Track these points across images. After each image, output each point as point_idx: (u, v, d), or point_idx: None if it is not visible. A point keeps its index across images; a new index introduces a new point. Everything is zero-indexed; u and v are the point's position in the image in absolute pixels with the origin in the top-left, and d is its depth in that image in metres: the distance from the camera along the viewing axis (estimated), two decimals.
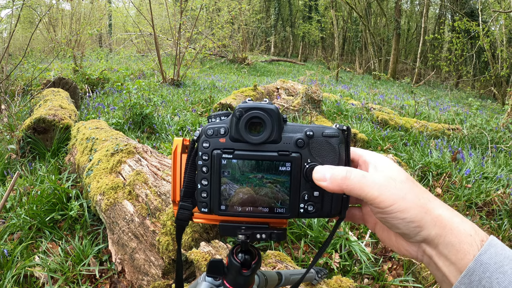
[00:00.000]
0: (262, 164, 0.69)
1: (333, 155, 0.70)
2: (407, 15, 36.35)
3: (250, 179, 0.69)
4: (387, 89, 16.38)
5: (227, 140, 0.69)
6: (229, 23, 18.21)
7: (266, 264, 2.03)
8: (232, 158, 0.69)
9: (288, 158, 0.69)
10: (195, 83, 12.43)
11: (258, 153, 0.69)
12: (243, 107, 0.69)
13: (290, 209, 0.71)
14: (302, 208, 0.71)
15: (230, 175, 0.69)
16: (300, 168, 0.69)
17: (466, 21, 17.51)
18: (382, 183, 0.60)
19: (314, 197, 0.70)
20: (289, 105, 7.07)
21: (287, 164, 0.69)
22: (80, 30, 12.63)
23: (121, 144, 3.06)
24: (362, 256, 2.80)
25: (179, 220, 0.76)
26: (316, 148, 0.70)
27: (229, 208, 0.71)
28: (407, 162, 5.09)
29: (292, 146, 0.69)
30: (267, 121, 0.68)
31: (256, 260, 0.83)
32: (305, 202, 0.70)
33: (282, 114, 0.70)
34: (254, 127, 0.69)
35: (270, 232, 0.74)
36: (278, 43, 40.71)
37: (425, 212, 0.58)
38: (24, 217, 3.11)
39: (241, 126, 0.68)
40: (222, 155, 0.69)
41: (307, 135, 0.70)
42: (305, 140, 0.69)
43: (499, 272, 0.51)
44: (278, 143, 0.69)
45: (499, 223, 3.74)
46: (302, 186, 0.70)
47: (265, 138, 0.68)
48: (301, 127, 0.71)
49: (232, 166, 0.69)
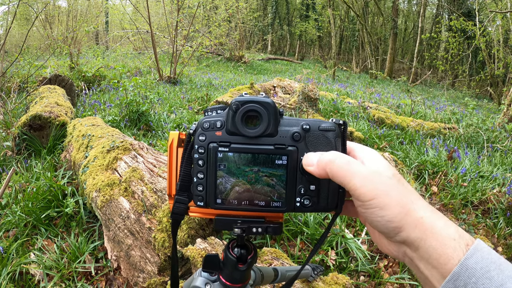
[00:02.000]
0: (258, 158, 0.68)
1: (329, 148, 0.70)
2: (404, 14, 36.45)
3: (246, 173, 0.69)
4: (383, 88, 16.40)
5: (223, 133, 0.69)
6: (226, 21, 18.20)
7: (262, 261, 2.03)
8: (229, 151, 0.68)
9: (284, 152, 0.68)
10: (191, 81, 12.41)
11: (255, 146, 0.68)
12: (239, 100, 0.68)
13: (286, 203, 0.70)
14: (298, 202, 0.70)
15: (226, 169, 0.69)
16: (296, 162, 0.69)
17: (463, 20, 17.55)
18: (366, 174, 0.58)
19: (311, 191, 0.70)
20: (286, 103, 7.07)
21: (284, 158, 0.68)
22: (77, 27, 12.58)
23: (117, 141, 3.05)
24: (358, 253, 2.81)
25: (174, 214, 0.76)
26: (313, 142, 0.70)
27: (225, 201, 0.71)
28: (403, 161, 5.10)
29: (289, 140, 0.69)
30: (264, 114, 0.68)
31: (252, 254, 0.83)
32: (301, 196, 0.70)
33: (279, 108, 0.70)
34: (250, 120, 0.69)
35: (266, 226, 0.73)
36: (275, 41, 40.70)
37: (405, 213, 0.56)
38: (20, 214, 3.09)
39: (237, 119, 0.68)
40: (218, 148, 0.68)
41: (304, 128, 0.69)
42: (301, 134, 0.69)
43: (486, 278, 0.50)
44: (275, 136, 0.69)
45: (495, 222, 3.77)
46: (298, 179, 0.70)
47: (261, 132, 0.68)
48: (298, 121, 0.71)
49: (228, 159, 0.69)
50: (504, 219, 3.75)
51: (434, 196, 4.25)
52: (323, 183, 0.71)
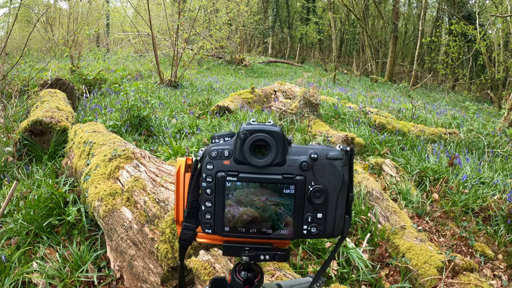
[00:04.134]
0: (266, 187, 0.69)
1: (337, 177, 0.71)
2: (404, 17, 36.46)
3: (254, 202, 0.70)
4: (384, 92, 16.41)
5: (231, 163, 0.70)
6: (227, 24, 18.22)
7: (265, 271, 2.03)
8: (237, 181, 0.69)
9: (292, 181, 0.69)
10: (192, 84, 12.42)
11: (263, 176, 0.69)
12: (247, 129, 0.69)
13: (294, 230, 0.71)
14: (306, 230, 0.71)
15: (235, 198, 0.70)
16: (304, 191, 0.69)
17: (463, 24, 17.57)
18: None
19: (318, 219, 0.71)
20: (287, 108, 7.07)
21: (291, 187, 0.69)
22: (78, 30, 12.59)
23: (119, 149, 3.06)
24: (359, 263, 2.81)
25: (182, 241, 0.76)
26: (320, 171, 0.70)
27: (233, 229, 0.71)
28: (404, 167, 5.10)
29: (297, 169, 0.69)
30: (272, 144, 0.68)
31: (259, 278, 0.83)
32: (309, 224, 0.71)
33: (287, 136, 0.71)
34: (259, 150, 0.69)
35: (273, 253, 0.74)
36: (276, 44, 40.72)
37: None
38: (21, 222, 3.09)
39: (245, 148, 0.68)
40: (227, 177, 0.69)
41: (312, 157, 0.70)
42: (309, 163, 0.69)
43: None
44: (283, 165, 0.69)
45: (495, 229, 3.76)
46: (305, 208, 0.70)
47: (269, 161, 0.69)
48: (305, 149, 0.72)
49: (237, 189, 0.69)
50: (504, 226, 3.75)
51: (435, 203, 4.25)
52: (330, 211, 0.71)
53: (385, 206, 3.62)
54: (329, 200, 0.71)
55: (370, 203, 3.74)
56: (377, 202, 3.72)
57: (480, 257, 3.31)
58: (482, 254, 3.36)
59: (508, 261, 3.33)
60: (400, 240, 3.16)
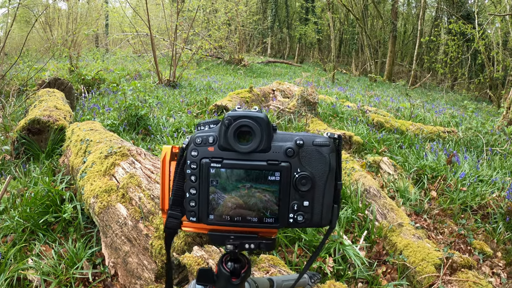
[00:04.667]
0: (251, 174, 0.68)
1: (324, 164, 0.70)
2: (403, 17, 36.49)
3: (239, 189, 0.69)
4: (383, 91, 16.41)
5: (215, 149, 0.69)
6: (226, 24, 18.22)
7: (260, 268, 2.02)
8: (221, 167, 0.68)
9: (277, 168, 0.68)
10: (191, 84, 12.41)
11: (247, 162, 0.68)
12: (232, 115, 0.68)
13: (279, 219, 0.70)
14: (292, 218, 0.70)
15: (219, 184, 0.69)
16: (289, 178, 0.69)
17: (462, 23, 17.57)
18: None
19: (304, 207, 0.70)
20: (285, 107, 7.07)
21: (276, 174, 0.68)
22: (77, 30, 12.58)
23: (115, 147, 3.05)
24: (356, 260, 2.80)
25: (168, 229, 0.75)
26: (306, 158, 0.69)
27: (217, 217, 0.71)
28: (402, 165, 5.09)
29: (282, 155, 0.68)
30: (256, 130, 0.67)
31: (245, 268, 0.82)
32: (295, 212, 0.70)
33: (272, 123, 0.70)
34: (243, 136, 0.68)
35: (258, 242, 0.73)
36: (275, 44, 40.71)
37: None
38: (18, 219, 3.09)
39: (229, 134, 0.68)
40: (211, 164, 0.68)
41: (297, 144, 0.69)
42: (295, 149, 0.68)
43: None
44: (268, 152, 0.68)
45: (494, 227, 3.75)
46: (291, 195, 0.69)
47: (254, 147, 0.68)
48: (291, 135, 0.71)
49: (221, 175, 0.68)
50: (503, 224, 3.74)
51: (433, 201, 4.24)
52: (317, 199, 0.70)
53: (383, 203, 3.62)
54: (316, 187, 0.70)
55: (367, 200, 3.73)
56: (374, 199, 3.71)
57: (478, 255, 3.30)
58: (480, 251, 3.35)
59: (507, 258, 3.32)
60: (397, 237, 3.15)
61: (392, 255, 3.04)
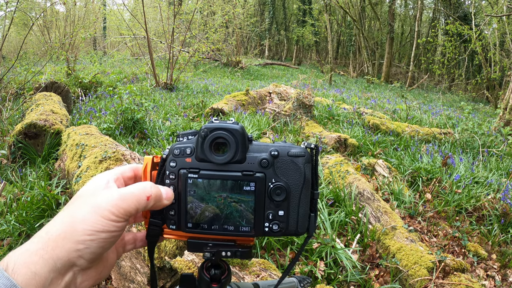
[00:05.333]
0: (226, 184, 0.70)
1: (299, 174, 0.72)
2: (400, 19, 36.60)
3: (216, 198, 0.71)
4: (380, 93, 16.44)
5: (193, 160, 0.71)
6: (223, 26, 18.24)
7: (251, 272, 2.04)
8: (198, 178, 0.70)
9: (252, 178, 0.70)
10: (188, 87, 12.43)
11: (223, 173, 0.70)
12: (208, 127, 0.70)
13: (255, 228, 0.72)
14: (267, 227, 0.72)
15: (196, 194, 0.71)
16: (264, 188, 0.70)
17: (459, 24, 17.63)
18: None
19: (279, 216, 0.72)
20: (281, 110, 7.09)
21: (251, 184, 0.70)
22: (74, 33, 12.58)
23: (110, 151, 3.07)
24: (347, 263, 2.81)
25: (150, 237, 0.78)
26: (281, 168, 0.71)
27: (195, 225, 0.73)
28: (397, 168, 5.11)
29: (256, 166, 0.70)
30: (231, 141, 0.69)
31: (225, 274, 0.84)
32: (270, 221, 0.72)
33: (247, 134, 0.72)
34: (218, 147, 0.71)
35: (235, 250, 0.75)
36: (272, 46, 40.77)
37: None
38: (14, 223, 3.10)
39: (205, 146, 0.70)
40: (188, 174, 0.70)
41: (272, 155, 0.71)
42: (269, 160, 0.70)
43: None
44: (243, 163, 0.70)
45: (489, 229, 3.76)
46: (266, 205, 0.71)
47: (229, 159, 0.70)
48: (267, 146, 0.73)
49: (198, 185, 0.70)
50: (498, 225, 3.75)
51: (428, 203, 4.26)
52: (293, 209, 0.72)
53: (376, 206, 3.64)
54: (291, 197, 0.72)
55: (361, 203, 3.75)
56: (368, 202, 3.73)
57: (473, 257, 3.31)
58: (475, 254, 3.36)
59: (501, 261, 3.34)
60: (390, 240, 3.17)
61: (385, 258, 3.06)
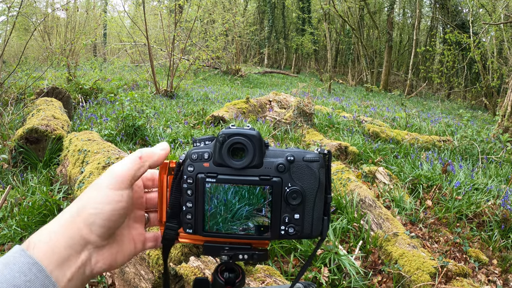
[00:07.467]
0: (244, 188, 0.72)
1: (314, 179, 0.73)
2: (399, 27, 36.78)
3: (233, 202, 0.72)
4: (379, 101, 16.50)
5: (210, 165, 0.72)
6: (223, 35, 18.30)
7: (256, 278, 2.05)
8: (216, 182, 0.72)
9: (269, 183, 0.71)
10: (188, 95, 12.45)
11: (240, 177, 0.71)
12: (226, 132, 0.72)
13: (271, 231, 0.73)
14: (283, 230, 0.73)
15: (214, 198, 0.72)
16: (281, 192, 0.72)
17: (457, 33, 17.74)
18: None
19: (295, 220, 0.73)
20: (281, 118, 7.11)
21: (268, 188, 0.72)
22: (75, 39, 12.63)
23: (113, 157, 3.08)
24: (351, 270, 2.82)
25: (165, 240, 0.79)
26: (297, 173, 0.73)
27: (212, 229, 0.74)
28: (397, 175, 5.13)
29: (273, 171, 0.72)
30: (249, 147, 0.71)
31: (240, 278, 0.85)
32: (286, 224, 0.73)
33: (264, 140, 0.73)
34: (236, 153, 0.72)
35: (252, 253, 0.76)
36: (272, 55, 40.91)
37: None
38: (15, 228, 3.10)
39: (223, 151, 0.71)
40: (206, 179, 0.72)
41: (288, 160, 0.72)
42: (286, 165, 0.72)
43: None
44: (260, 167, 0.72)
45: (490, 234, 3.78)
46: (283, 209, 0.73)
47: (247, 163, 0.71)
48: (283, 152, 0.74)
49: (216, 190, 0.72)
50: (499, 231, 3.77)
51: (428, 210, 4.27)
52: (308, 212, 0.74)
53: (378, 213, 3.65)
54: (306, 201, 0.73)
55: (362, 210, 3.76)
56: (369, 209, 3.74)
57: (474, 263, 3.32)
58: (476, 259, 3.37)
59: (502, 266, 3.35)
60: (392, 247, 3.18)
61: (387, 264, 3.06)
